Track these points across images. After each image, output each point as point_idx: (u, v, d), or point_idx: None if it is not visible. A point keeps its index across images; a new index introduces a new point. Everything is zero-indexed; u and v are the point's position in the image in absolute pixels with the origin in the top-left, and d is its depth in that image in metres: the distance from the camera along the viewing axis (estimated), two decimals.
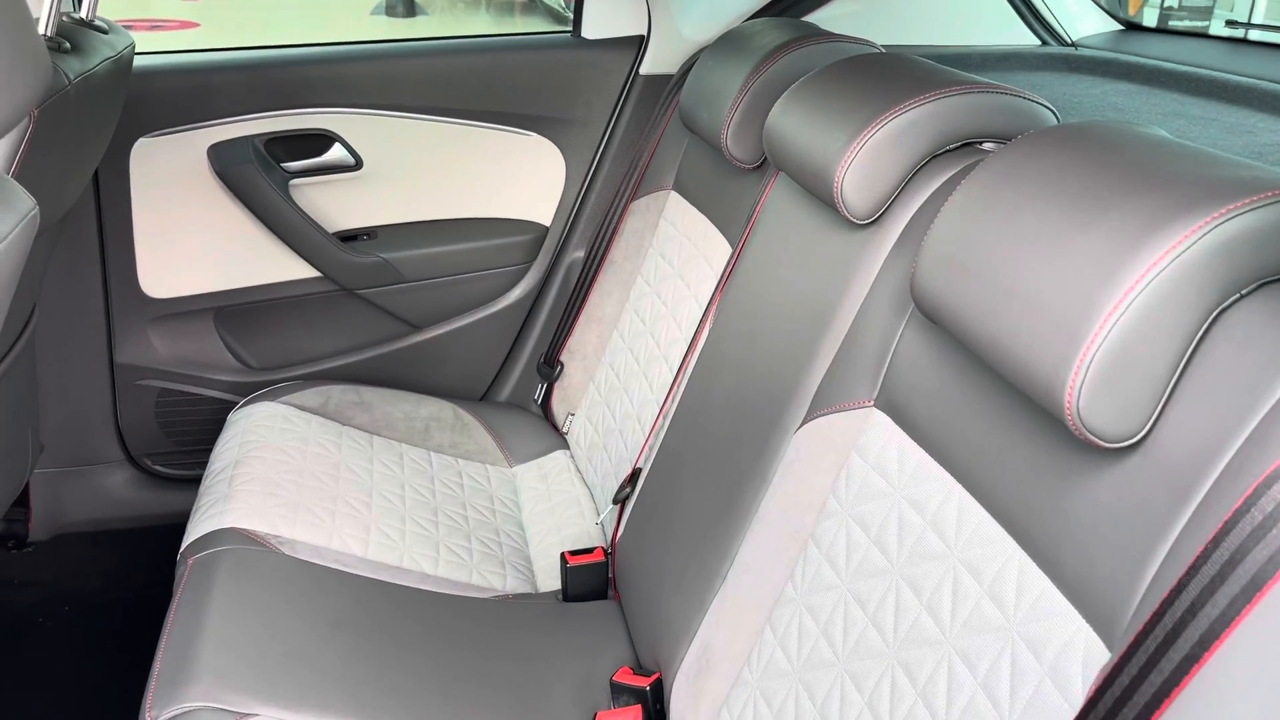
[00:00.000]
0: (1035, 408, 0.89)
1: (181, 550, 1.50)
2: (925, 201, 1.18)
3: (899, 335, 1.12)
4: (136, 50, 1.81)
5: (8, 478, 1.77)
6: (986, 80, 1.22)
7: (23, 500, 2.04)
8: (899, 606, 1.00)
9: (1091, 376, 0.76)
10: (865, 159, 1.18)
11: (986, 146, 1.21)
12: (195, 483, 1.73)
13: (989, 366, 0.92)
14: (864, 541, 1.08)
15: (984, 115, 1.19)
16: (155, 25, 8.10)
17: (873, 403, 1.13)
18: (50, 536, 2.09)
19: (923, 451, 1.04)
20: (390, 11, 8.89)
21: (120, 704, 1.23)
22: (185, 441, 2.09)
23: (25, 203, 0.83)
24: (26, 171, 1.23)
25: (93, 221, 1.93)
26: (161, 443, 2.09)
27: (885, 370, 1.12)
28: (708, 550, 1.29)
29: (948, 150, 1.21)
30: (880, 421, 1.11)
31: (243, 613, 1.31)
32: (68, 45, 1.35)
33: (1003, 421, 0.93)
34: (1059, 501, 0.84)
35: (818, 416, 1.19)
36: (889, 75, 1.28)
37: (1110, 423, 0.77)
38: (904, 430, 1.08)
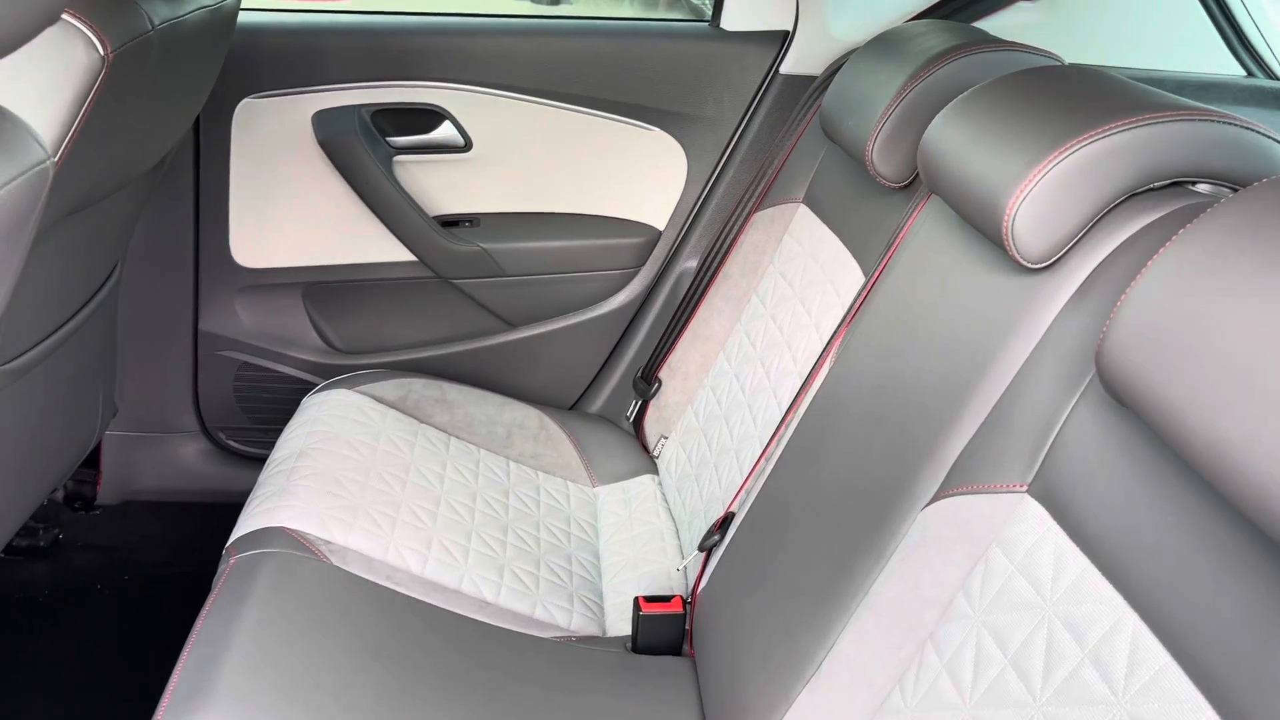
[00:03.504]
0: (1267, 542, 0.68)
1: (228, 544, 1.39)
2: (1116, 249, 0.96)
3: (1069, 411, 0.91)
4: (248, 6, 1.72)
5: (76, 437, 1.70)
6: (1207, 107, 1.00)
7: (93, 462, 1.97)
8: None
9: None
10: (1046, 190, 0.97)
11: (1201, 188, 0.98)
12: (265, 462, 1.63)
13: (1199, 475, 0.71)
14: (998, 660, 0.88)
15: (1203, 149, 0.97)
16: None
17: (1026, 488, 0.92)
18: (118, 501, 2.03)
19: (1087, 560, 0.83)
20: None
21: (159, 685, 1.12)
22: (261, 419, 2.00)
23: (34, 152, 0.71)
24: (97, 119, 1.12)
25: (190, 182, 1.85)
26: (237, 417, 2.01)
27: (1047, 451, 0.91)
28: (802, 630, 1.10)
29: (1150, 189, 0.99)
30: (1033, 513, 0.90)
31: (276, 630, 1.18)
32: None
33: (1209, 547, 0.72)
34: None
35: (953, 494, 0.98)
36: (1082, 92, 1.07)
37: None
38: (1064, 530, 0.87)
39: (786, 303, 1.62)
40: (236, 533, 1.40)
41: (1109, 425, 0.85)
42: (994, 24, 1.82)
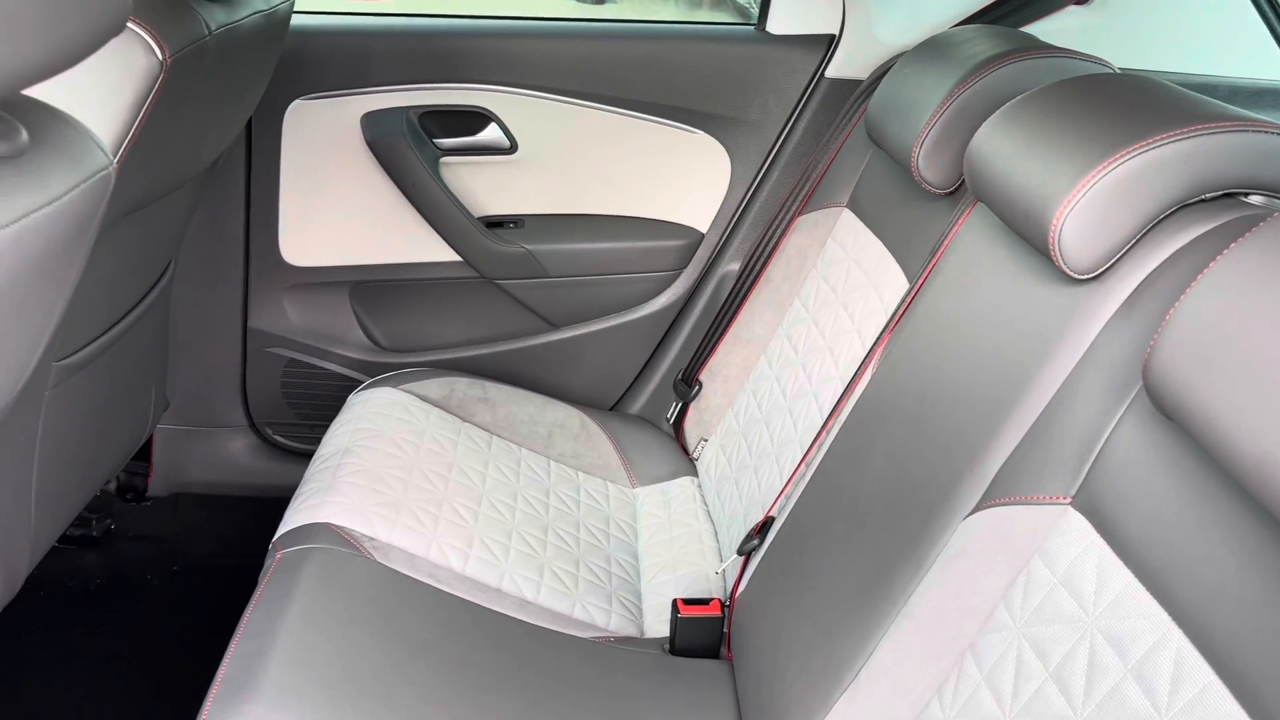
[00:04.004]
0: None
1: (274, 539, 1.42)
2: (1165, 261, 0.95)
3: (1114, 423, 0.90)
4: (298, 9, 1.74)
5: (129, 430, 1.74)
6: (1260, 118, 0.98)
7: (145, 455, 2.02)
8: None
9: None
10: (1095, 201, 0.96)
11: (1253, 200, 0.97)
12: (311, 457, 1.66)
13: (1247, 491, 0.70)
14: (1039, 673, 0.87)
15: (1256, 161, 0.95)
16: None
17: (1069, 500, 0.92)
18: (168, 493, 2.08)
19: (1131, 575, 0.83)
20: None
21: (205, 673, 1.15)
22: (307, 415, 2.03)
23: (97, 159, 0.73)
24: (155, 122, 1.15)
25: (241, 182, 1.89)
26: (284, 413, 2.04)
27: (1091, 464, 0.91)
28: (841, 637, 1.10)
29: (1201, 200, 0.98)
30: (1077, 526, 0.90)
31: (320, 626, 1.20)
32: None
33: (1256, 565, 0.71)
34: None
35: (995, 504, 0.98)
36: (1133, 101, 1.06)
37: None
38: (1108, 543, 0.86)
39: (829, 307, 1.62)
40: (283, 528, 1.43)
41: (1155, 439, 0.85)
42: (1043, 28, 1.80)
